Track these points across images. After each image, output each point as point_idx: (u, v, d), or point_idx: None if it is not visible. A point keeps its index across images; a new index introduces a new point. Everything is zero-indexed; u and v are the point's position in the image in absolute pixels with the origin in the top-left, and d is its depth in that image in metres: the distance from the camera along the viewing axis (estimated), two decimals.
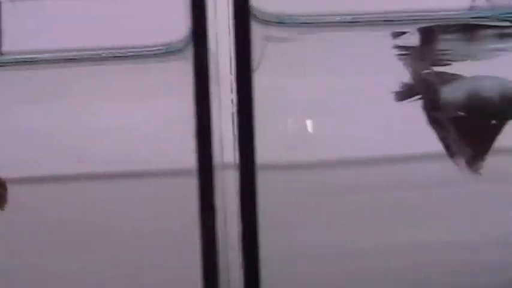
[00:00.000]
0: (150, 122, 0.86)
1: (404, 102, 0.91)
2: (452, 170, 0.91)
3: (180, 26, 0.81)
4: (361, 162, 0.99)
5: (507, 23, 0.89)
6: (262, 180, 0.94)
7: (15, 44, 0.86)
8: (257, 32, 0.81)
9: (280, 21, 0.84)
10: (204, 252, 0.79)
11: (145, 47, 0.84)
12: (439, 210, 0.98)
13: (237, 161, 0.77)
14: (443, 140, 0.91)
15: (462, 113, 0.90)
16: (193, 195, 0.81)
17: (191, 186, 0.81)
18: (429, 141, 0.91)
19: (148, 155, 0.85)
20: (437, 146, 0.91)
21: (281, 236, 0.94)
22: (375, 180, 0.98)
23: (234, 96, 0.75)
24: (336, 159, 0.98)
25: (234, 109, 0.75)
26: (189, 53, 0.79)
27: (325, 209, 0.97)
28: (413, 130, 0.92)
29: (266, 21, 0.80)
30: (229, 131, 0.79)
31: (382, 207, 0.97)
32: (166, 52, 0.84)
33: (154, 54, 0.85)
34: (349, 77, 0.93)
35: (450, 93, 0.91)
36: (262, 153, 0.94)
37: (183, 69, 0.80)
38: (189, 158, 0.80)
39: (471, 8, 0.91)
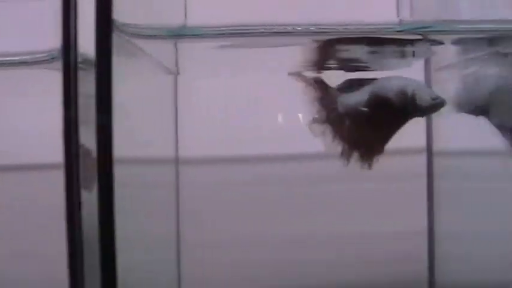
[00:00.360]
0: (28, 121, 0.93)
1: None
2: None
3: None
4: (278, 158, 1.05)
5: (417, 36, 0.89)
6: (184, 175, 1.02)
7: None
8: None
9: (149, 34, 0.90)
10: (69, 245, 0.84)
11: (28, 53, 0.92)
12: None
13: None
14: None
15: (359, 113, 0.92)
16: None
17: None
18: None
19: (21, 150, 0.92)
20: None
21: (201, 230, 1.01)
22: (289, 176, 1.03)
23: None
24: (251, 155, 1.04)
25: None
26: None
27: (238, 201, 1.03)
28: None
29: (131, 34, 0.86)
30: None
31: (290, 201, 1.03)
32: (51, 59, 0.91)
33: (38, 61, 0.92)
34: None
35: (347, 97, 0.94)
36: (184, 149, 1.01)
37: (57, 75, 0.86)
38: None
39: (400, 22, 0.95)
